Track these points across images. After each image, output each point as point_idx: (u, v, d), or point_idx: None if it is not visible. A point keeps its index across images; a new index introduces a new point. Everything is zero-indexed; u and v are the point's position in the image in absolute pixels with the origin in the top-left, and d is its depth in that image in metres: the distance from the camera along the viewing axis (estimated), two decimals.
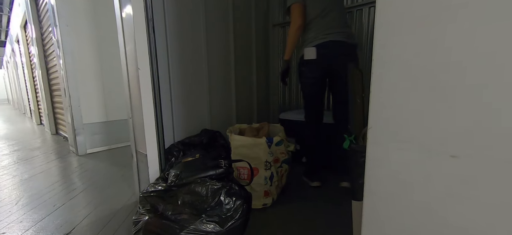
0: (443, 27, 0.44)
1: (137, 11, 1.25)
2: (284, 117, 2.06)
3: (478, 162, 0.43)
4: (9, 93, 13.92)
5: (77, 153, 2.66)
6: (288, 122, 1.97)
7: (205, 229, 0.95)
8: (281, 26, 2.46)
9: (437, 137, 0.47)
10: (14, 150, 2.96)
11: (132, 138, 1.51)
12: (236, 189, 1.07)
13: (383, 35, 0.52)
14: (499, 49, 0.40)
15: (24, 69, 4.95)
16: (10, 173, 2.12)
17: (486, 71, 0.41)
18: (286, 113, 2.12)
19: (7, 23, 6.86)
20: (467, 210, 0.46)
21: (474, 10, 0.41)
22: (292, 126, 1.91)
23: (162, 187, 1.10)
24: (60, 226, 1.29)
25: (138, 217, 1.06)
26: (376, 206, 0.58)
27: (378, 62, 0.53)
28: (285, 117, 2.07)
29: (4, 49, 9.19)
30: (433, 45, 0.46)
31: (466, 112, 0.44)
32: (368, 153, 0.57)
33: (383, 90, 0.53)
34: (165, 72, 1.50)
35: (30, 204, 1.53)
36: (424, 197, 0.50)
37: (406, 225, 0.54)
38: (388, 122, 0.53)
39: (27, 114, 6.77)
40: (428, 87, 0.47)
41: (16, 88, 8.52)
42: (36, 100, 4.90)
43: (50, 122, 3.87)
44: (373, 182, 0.58)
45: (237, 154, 1.35)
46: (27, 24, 3.96)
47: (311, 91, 1.54)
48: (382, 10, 0.51)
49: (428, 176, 0.49)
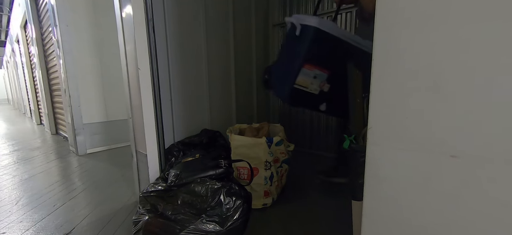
0: (443, 27, 0.44)
1: (137, 11, 1.25)
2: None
3: (478, 162, 0.43)
4: (9, 93, 13.92)
5: (77, 153, 2.66)
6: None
7: (205, 229, 0.95)
8: (281, 26, 2.46)
9: (437, 137, 0.47)
10: (14, 150, 2.96)
11: (132, 138, 1.51)
12: (236, 189, 1.07)
13: (383, 35, 0.52)
14: (499, 49, 0.40)
15: (24, 69, 4.95)
16: (10, 173, 2.12)
17: (486, 71, 0.41)
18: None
19: (7, 23, 6.86)
20: (467, 210, 0.46)
21: (474, 10, 0.41)
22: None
23: (162, 187, 1.10)
24: (60, 226, 1.29)
25: (138, 217, 1.06)
26: (376, 206, 0.58)
27: (378, 62, 0.53)
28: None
29: (4, 49, 9.19)
30: (433, 45, 0.46)
31: (466, 112, 0.44)
32: (368, 153, 0.57)
33: (383, 90, 0.53)
34: (165, 72, 1.50)
35: (30, 204, 1.53)
36: (424, 197, 0.50)
37: (406, 225, 0.54)
38: (388, 122, 0.53)
39: (27, 114, 6.77)
40: (428, 87, 0.47)
41: (16, 88, 8.52)
42: (36, 100, 4.90)
43: (50, 122, 3.87)
44: (373, 182, 0.58)
45: (237, 154, 1.35)
46: (27, 24, 3.96)
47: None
48: (382, 10, 0.51)
49: (428, 176, 0.49)
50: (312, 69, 1.05)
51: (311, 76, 1.07)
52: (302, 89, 1.08)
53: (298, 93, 1.08)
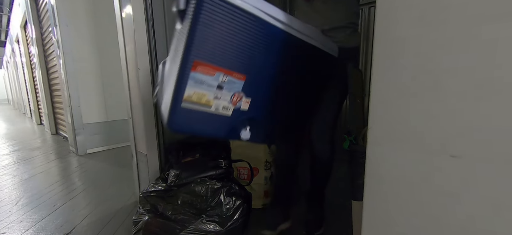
0: (443, 26, 0.44)
1: (137, 11, 1.25)
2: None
3: (478, 162, 0.43)
4: (9, 93, 13.91)
5: (77, 153, 2.66)
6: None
7: (205, 229, 0.95)
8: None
9: (437, 137, 0.47)
10: (14, 150, 2.96)
11: (132, 138, 1.51)
12: (236, 189, 1.07)
13: (383, 35, 0.52)
14: (499, 49, 0.40)
15: (24, 69, 4.95)
16: (10, 173, 2.12)
17: (486, 71, 0.41)
18: None
19: (7, 23, 6.86)
20: (467, 210, 0.46)
21: (475, 10, 0.41)
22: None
23: (162, 187, 1.10)
24: (60, 226, 1.29)
25: (138, 217, 1.06)
26: (376, 206, 0.58)
27: (378, 62, 0.53)
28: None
29: (4, 49, 9.19)
30: (433, 44, 0.46)
31: (466, 112, 0.44)
32: (368, 153, 0.57)
33: (383, 90, 0.53)
34: None
35: (30, 204, 1.53)
36: (424, 197, 0.50)
37: (406, 225, 0.54)
38: (388, 122, 0.53)
39: (27, 114, 6.77)
40: (428, 87, 0.47)
41: (16, 88, 8.52)
42: (36, 100, 4.90)
43: (50, 122, 3.87)
44: (373, 182, 0.58)
45: (237, 154, 1.35)
46: (27, 24, 3.96)
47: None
48: (382, 10, 0.51)
49: (428, 176, 0.49)
50: (211, 71, 0.62)
51: (212, 85, 0.63)
52: (200, 110, 0.64)
53: (193, 116, 0.64)
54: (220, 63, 0.62)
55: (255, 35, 0.63)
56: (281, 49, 0.69)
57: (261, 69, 0.69)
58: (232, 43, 0.62)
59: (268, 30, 0.65)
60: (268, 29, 0.65)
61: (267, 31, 0.65)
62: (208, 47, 0.59)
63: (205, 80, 0.62)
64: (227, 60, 0.63)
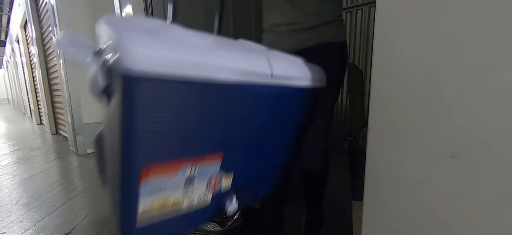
0: (443, 26, 0.44)
1: (137, 11, 1.25)
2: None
3: (478, 162, 0.43)
4: (9, 93, 13.92)
5: (77, 153, 2.66)
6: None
7: (205, 229, 0.95)
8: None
9: (437, 137, 0.47)
10: (14, 150, 2.96)
11: None
12: None
13: (383, 35, 0.52)
14: (499, 48, 0.40)
15: (24, 69, 4.96)
16: (10, 173, 2.12)
17: (486, 71, 0.41)
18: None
19: (7, 23, 6.87)
20: (467, 210, 0.46)
21: (475, 10, 0.41)
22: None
23: None
24: (60, 226, 1.29)
25: None
26: (376, 206, 0.58)
27: (378, 62, 0.53)
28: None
29: (4, 49, 9.20)
30: (433, 44, 0.46)
31: (466, 112, 0.44)
32: (368, 153, 0.57)
33: (383, 90, 0.53)
34: None
35: (30, 204, 1.53)
36: (424, 197, 0.50)
37: (406, 225, 0.54)
38: (388, 122, 0.53)
39: (27, 114, 6.78)
40: (428, 86, 0.47)
41: (16, 88, 8.52)
42: (36, 100, 4.90)
43: (50, 122, 3.87)
44: (373, 182, 0.58)
45: None
46: (27, 24, 3.96)
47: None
48: (382, 10, 0.51)
49: (428, 176, 0.49)
50: (172, 169, 0.43)
51: (177, 184, 0.45)
52: (167, 217, 0.47)
53: (160, 226, 0.47)
54: (183, 153, 0.43)
55: (225, 100, 0.43)
56: (262, 104, 0.52)
57: (240, 134, 0.51)
58: (193, 122, 0.41)
59: (240, 91, 0.45)
60: (239, 91, 0.44)
61: (242, 92, 0.45)
62: (159, 140, 0.39)
63: (166, 183, 0.43)
64: (192, 145, 0.44)
